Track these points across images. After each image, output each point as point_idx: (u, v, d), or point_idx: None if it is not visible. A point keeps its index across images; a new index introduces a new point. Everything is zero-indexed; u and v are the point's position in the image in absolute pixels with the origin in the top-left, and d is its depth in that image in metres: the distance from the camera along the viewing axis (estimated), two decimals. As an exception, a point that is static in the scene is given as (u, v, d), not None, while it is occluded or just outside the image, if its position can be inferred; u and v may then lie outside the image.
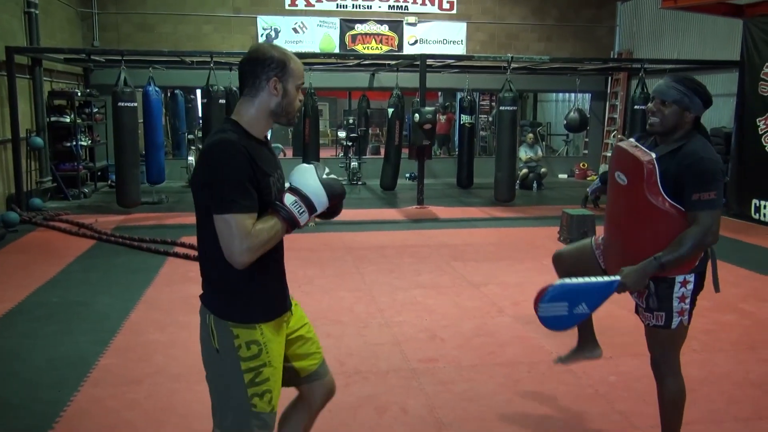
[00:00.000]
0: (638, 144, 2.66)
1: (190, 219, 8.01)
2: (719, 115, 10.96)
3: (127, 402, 3.46)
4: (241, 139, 1.91)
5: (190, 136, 12.64)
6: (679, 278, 2.56)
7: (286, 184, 2.01)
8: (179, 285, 5.69)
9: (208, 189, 1.88)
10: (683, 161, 2.45)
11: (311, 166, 2.00)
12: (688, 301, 2.59)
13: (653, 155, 2.51)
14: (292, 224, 1.93)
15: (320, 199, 1.96)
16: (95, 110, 11.55)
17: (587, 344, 3.18)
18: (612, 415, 3.37)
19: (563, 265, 3.06)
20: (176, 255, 6.69)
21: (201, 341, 2.09)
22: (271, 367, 2.03)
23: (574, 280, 2.55)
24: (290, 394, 2.32)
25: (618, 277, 2.52)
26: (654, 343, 2.69)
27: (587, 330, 3.16)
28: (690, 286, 2.58)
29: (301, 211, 1.93)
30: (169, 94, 14.15)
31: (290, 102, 2.02)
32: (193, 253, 6.69)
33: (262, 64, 1.96)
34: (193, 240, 7.18)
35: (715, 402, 3.50)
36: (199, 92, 12.26)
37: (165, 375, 3.81)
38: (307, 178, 1.96)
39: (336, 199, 2.01)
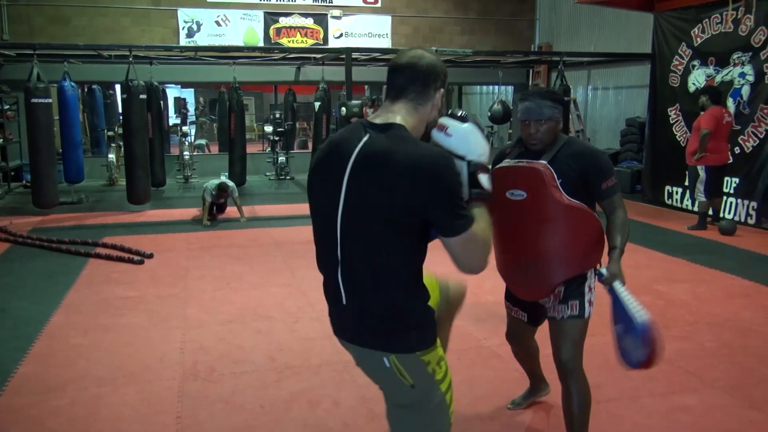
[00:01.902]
0: (519, 160, 2.71)
1: (112, 218, 7.73)
2: (633, 106, 11.44)
3: (50, 410, 3.34)
4: None
5: (110, 133, 12.22)
6: (589, 270, 2.67)
7: (463, 157, 1.82)
8: (101, 287, 5.52)
9: (438, 209, 1.68)
10: (581, 160, 2.59)
11: (474, 126, 1.82)
12: (593, 292, 2.69)
13: (544, 161, 2.61)
14: (488, 200, 1.84)
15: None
16: (6, 107, 11.02)
17: (538, 385, 3.33)
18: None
19: (518, 340, 3.12)
20: (98, 256, 6.48)
21: (386, 386, 1.90)
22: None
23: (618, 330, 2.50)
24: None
25: (619, 286, 2.52)
26: (565, 339, 2.66)
27: (536, 374, 3.28)
28: (593, 277, 2.68)
29: (490, 179, 1.83)
30: (86, 90, 13.63)
31: (437, 118, 1.87)
32: (116, 253, 6.50)
33: (435, 72, 1.79)
34: (116, 240, 7.03)
35: (632, 379, 3.67)
36: (118, 87, 11.85)
37: (89, 380, 3.70)
38: (482, 143, 1.81)
39: None
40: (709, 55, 8.90)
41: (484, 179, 1.78)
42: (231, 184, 8.47)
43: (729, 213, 8.36)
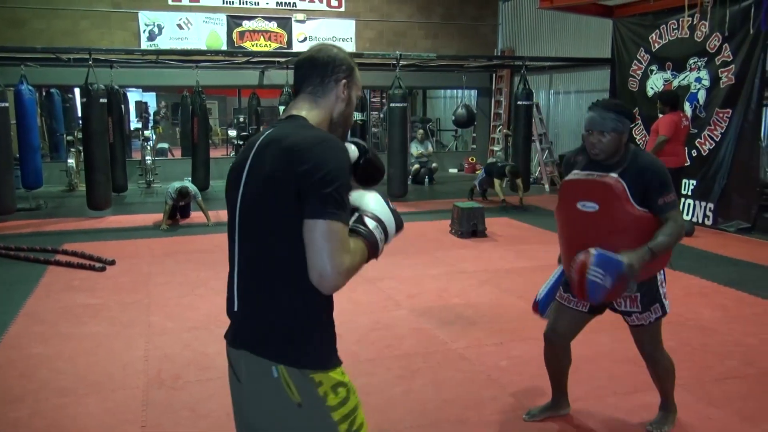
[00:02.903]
0: (589, 172, 2.85)
1: (72, 225, 7.55)
2: (594, 110, 11.64)
3: (9, 422, 3.26)
4: None
5: (69, 138, 11.99)
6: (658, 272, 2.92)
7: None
8: (62, 294, 5.40)
9: (309, 187, 1.53)
10: (645, 175, 2.74)
11: (378, 194, 1.74)
12: (664, 285, 2.97)
13: (615, 175, 2.76)
14: (373, 253, 1.65)
15: (392, 231, 1.71)
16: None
17: (560, 402, 3.29)
18: (504, 397, 3.53)
19: (561, 339, 3.12)
20: (58, 263, 6.34)
21: (261, 400, 1.69)
22: (360, 407, 1.72)
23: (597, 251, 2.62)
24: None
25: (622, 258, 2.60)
26: (650, 336, 2.98)
27: (560, 387, 3.27)
28: (663, 275, 2.97)
29: (381, 238, 1.66)
30: (44, 93, 13.34)
31: (350, 114, 1.81)
32: (77, 260, 6.38)
33: (332, 63, 1.75)
34: (76, 247, 6.90)
35: (598, 379, 3.74)
36: (77, 91, 11.62)
37: (50, 390, 3.62)
38: (381, 205, 1.70)
39: (399, 232, 1.75)
40: (666, 60, 9.12)
41: (371, 223, 1.66)
42: (193, 188, 8.38)
43: (687, 214, 8.56)
